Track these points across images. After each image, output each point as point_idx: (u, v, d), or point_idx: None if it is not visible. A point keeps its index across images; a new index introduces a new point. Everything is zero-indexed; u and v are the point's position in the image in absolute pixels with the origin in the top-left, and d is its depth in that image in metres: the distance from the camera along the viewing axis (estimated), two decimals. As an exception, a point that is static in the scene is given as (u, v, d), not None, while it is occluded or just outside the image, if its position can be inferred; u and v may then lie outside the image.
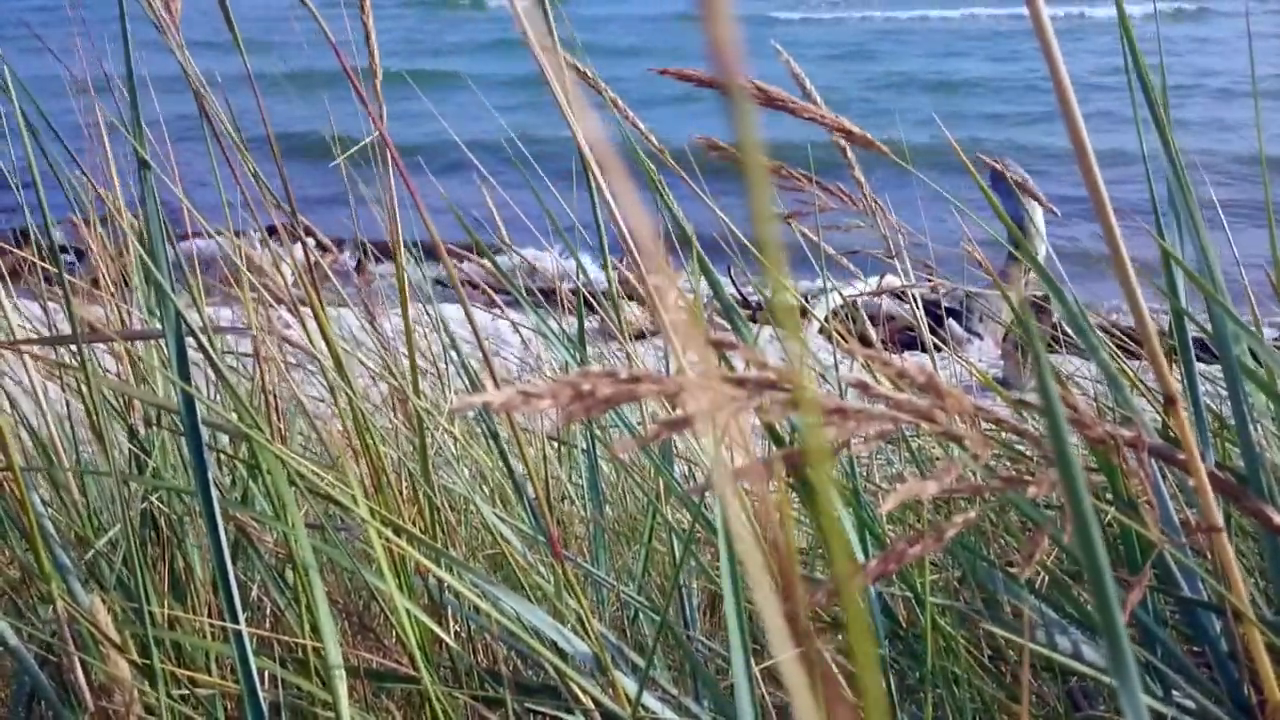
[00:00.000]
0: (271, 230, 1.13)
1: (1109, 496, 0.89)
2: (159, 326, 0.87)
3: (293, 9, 1.07)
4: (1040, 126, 14.50)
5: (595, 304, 1.28)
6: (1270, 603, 0.96)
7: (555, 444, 1.79)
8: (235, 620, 0.76)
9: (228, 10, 1.03)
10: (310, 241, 1.22)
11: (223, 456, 1.33)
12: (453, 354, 1.45)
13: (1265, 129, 1.08)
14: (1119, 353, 1.19)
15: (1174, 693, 0.87)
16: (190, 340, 0.85)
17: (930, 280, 1.56)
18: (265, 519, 1.01)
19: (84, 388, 1.08)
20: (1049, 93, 0.54)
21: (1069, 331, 1.99)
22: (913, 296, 1.36)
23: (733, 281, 6.02)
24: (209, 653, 1.10)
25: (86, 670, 0.89)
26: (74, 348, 0.96)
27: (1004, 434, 0.63)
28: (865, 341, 1.64)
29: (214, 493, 0.78)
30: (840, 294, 1.38)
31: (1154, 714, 0.82)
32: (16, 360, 1.30)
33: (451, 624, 1.17)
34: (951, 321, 6.67)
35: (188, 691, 0.97)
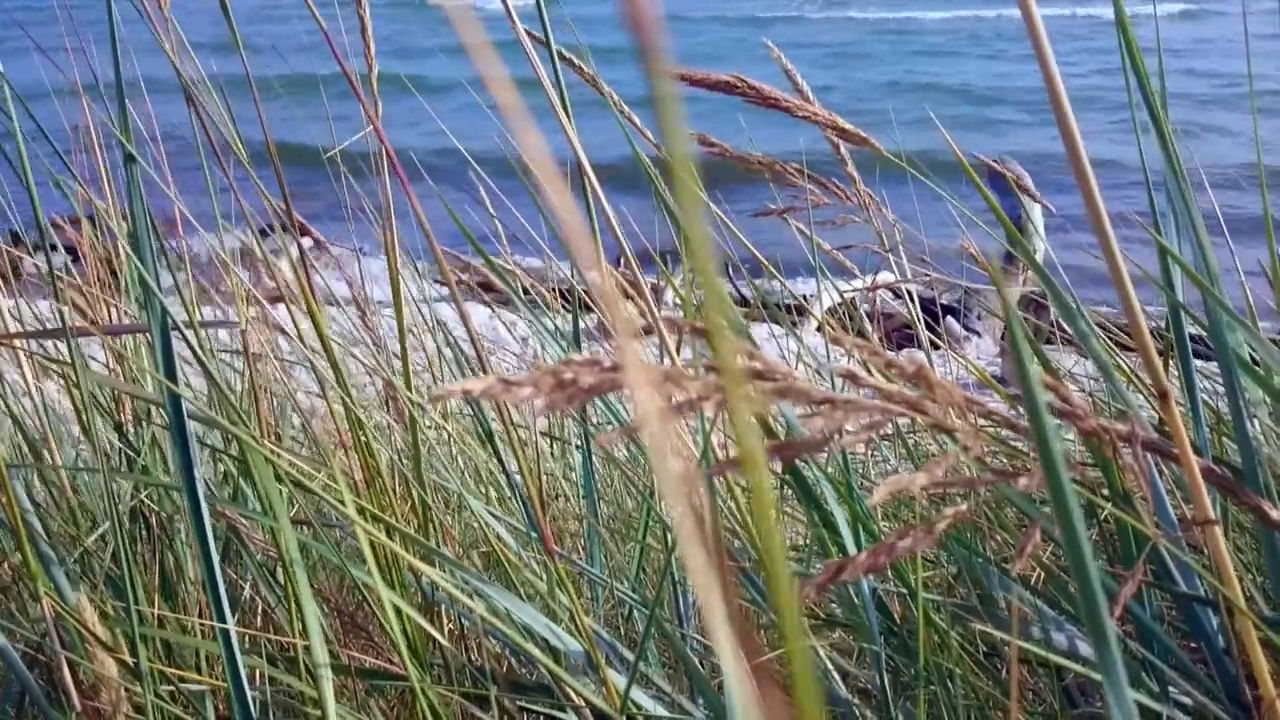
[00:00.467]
0: (271, 229, 1.13)
1: (1105, 492, 0.88)
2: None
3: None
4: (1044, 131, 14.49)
5: (591, 303, 1.27)
6: (1269, 599, 0.95)
7: (549, 440, 1.79)
8: (222, 618, 0.76)
9: (228, 10, 1.02)
10: (306, 241, 1.22)
11: (215, 453, 1.33)
12: (448, 352, 1.44)
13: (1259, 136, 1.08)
14: (1117, 350, 1.19)
15: (1170, 689, 0.86)
16: (191, 338, 0.85)
17: (927, 276, 1.56)
18: (254, 516, 1.00)
19: (71, 384, 1.08)
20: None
21: (1066, 328, 1.99)
22: (908, 293, 1.35)
23: (732, 281, 6.02)
24: (199, 651, 1.09)
25: (74, 669, 0.88)
26: (62, 344, 0.96)
27: (998, 429, 0.62)
28: (861, 337, 1.63)
29: (201, 489, 0.77)
30: (837, 291, 1.37)
31: (1151, 711, 0.81)
32: (7, 357, 1.29)
33: (445, 622, 1.16)
34: (950, 319, 6.67)
35: (176, 690, 0.97)
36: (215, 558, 0.77)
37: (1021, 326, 0.27)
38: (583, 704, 0.85)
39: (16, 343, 1.13)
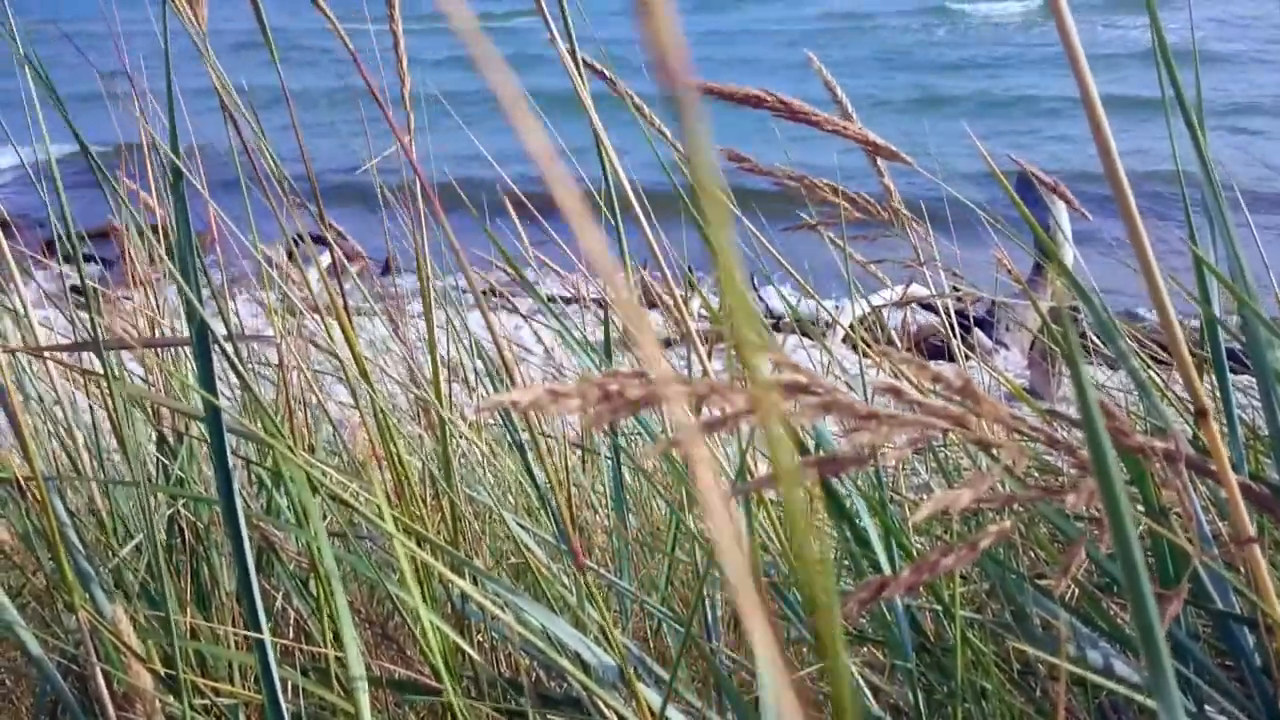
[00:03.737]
0: (316, 240, 1.13)
1: (1140, 507, 0.88)
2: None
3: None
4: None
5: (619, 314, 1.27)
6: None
7: (579, 452, 1.79)
8: (258, 629, 0.76)
9: (261, 14, 1.03)
10: (338, 251, 1.22)
11: (250, 464, 1.33)
12: (478, 362, 1.45)
13: None
14: (1151, 363, 1.18)
15: (1207, 707, 0.85)
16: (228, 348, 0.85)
17: (957, 291, 1.55)
18: (289, 528, 1.01)
19: (107, 396, 1.09)
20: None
21: (1097, 341, 1.97)
22: (942, 306, 1.35)
23: (757, 294, 6.02)
24: (233, 662, 1.09)
25: (109, 680, 0.88)
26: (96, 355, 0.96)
27: (1036, 444, 0.62)
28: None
29: (238, 502, 0.77)
30: (868, 301, 1.37)
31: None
32: (45, 367, 1.30)
33: (475, 634, 1.16)
34: (979, 331, 6.64)
35: (210, 702, 0.97)
36: (251, 569, 0.77)
37: (1075, 343, 0.27)
38: (614, 718, 0.85)
39: (48, 354, 1.14)
